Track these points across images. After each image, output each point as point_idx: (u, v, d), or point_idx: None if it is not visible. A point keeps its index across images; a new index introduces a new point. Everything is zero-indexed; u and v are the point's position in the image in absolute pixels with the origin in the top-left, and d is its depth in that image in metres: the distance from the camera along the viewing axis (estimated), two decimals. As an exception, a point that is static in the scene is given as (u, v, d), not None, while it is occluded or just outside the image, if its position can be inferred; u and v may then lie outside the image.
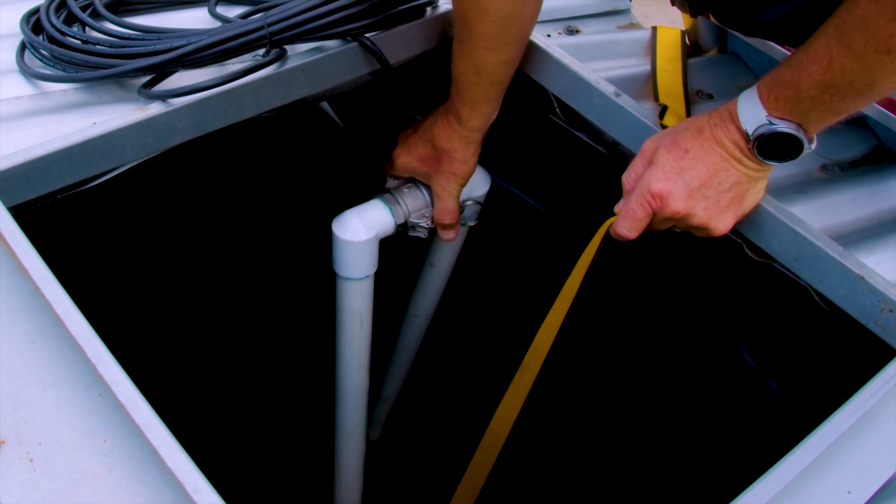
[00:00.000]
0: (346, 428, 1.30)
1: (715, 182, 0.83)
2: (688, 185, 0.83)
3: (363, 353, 1.19)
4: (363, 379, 1.24)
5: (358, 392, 1.25)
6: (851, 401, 0.74)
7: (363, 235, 1.04)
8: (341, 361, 1.20)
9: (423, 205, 1.11)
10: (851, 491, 0.69)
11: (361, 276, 1.08)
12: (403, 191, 1.10)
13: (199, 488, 0.58)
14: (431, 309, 1.40)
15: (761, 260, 0.93)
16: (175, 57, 0.92)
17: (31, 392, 0.66)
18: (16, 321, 0.70)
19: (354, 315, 1.13)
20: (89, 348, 0.67)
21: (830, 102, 0.75)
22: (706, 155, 0.82)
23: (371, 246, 1.06)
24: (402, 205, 1.09)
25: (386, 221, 1.07)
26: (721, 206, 0.84)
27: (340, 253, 1.06)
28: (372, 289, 1.12)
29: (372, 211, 1.07)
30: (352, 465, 1.38)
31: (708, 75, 1.15)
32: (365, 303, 1.13)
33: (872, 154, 1.07)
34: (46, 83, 0.97)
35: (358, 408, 1.28)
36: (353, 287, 1.09)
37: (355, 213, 1.06)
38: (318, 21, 0.98)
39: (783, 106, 0.77)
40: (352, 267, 1.07)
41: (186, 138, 0.95)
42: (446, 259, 1.30)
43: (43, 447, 0.63)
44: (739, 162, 0.82)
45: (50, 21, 0.99)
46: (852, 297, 0.86)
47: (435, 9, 1.11)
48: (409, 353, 1.51)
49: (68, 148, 0.86)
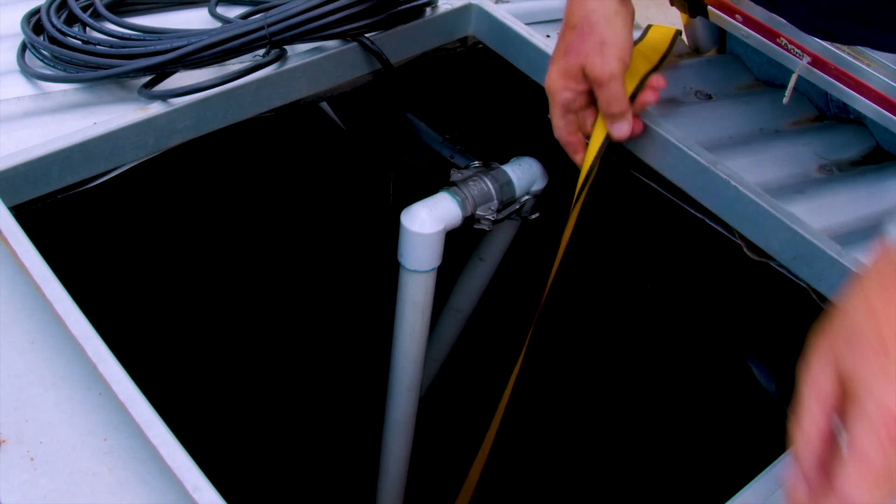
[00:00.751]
0: (399, 421, 1.29)
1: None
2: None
3: (421, 347, 1.19)
4: (419, 373, 1.24)
5: (413, 385, 1.24)
6: (849, 400, 0.74)
7: (432, 227, 1.04)
8: (399, 354, 1.19)
9: (489, 197, 1.11)
10: (849, 490, 0.69)
11: (427, 269, 1.09)
12: (469, 183, 1.11)
13: (199, 487, 0.59)
14: (474, 304, 1.40)
15: (759, 259, 0.93)
16: (175, 57, 0.92)
17: (32, 391, 0.66)
18: (17, 321, 0.70)
19: (418, 307, 1.13)
20: (90, 348, 0.67)
21: None
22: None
23: (439, 238, 1.06)
24: (469, 197, 1.09)
25: (454, 214, 1.07)
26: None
27: (408, 244, 1.06)
28: (435, 281, 1.12)
29: (441, 203, 1.07)
30: (400, 460, 1.37)
31: (706, 76, 1.15)
32: (428, 295, 1.13)
33: (871, 155, 1.07)
34: (47, 83, 0.97)
35: (411, 402, 1.27)
36: (418, 279, 1.09)
37: (424, 205, 1.06)
38: (318, 21, 0.98)
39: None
40: (419, 259, 1.07)
41: (187, 138, 0.96)
42: (496, 253, 1.30)
43: (43, 446, 0.63)
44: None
45: (51, 21, 0.99)
46: (851, 296, 0.86)
47: (435, 9, 1.11)
48: (444, 349, 1.50)
49: (69, 148, 0.87)
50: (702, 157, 0.94)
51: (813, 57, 1.00)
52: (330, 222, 1.67)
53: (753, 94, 1.14)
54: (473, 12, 1.14)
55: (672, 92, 1.11)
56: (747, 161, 1.00)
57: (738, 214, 0.93)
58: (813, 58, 1.01)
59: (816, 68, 1.01)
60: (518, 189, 1.14)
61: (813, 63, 1.01)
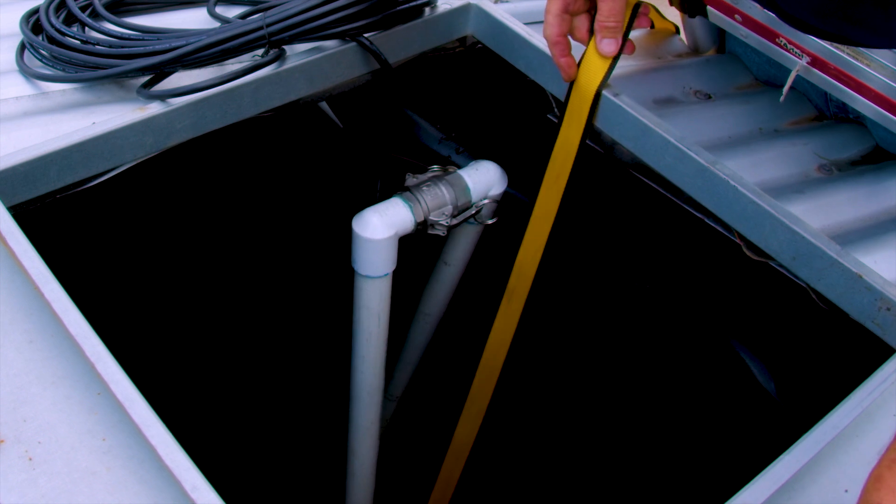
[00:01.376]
0: (361, 427, 1.30)
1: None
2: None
3: (380, 352, 1.19)
4: (379, 377, 1.24)
5: (373, 390, 1.25)
6: (849, 399, 0.74)
7: (383, 233, 1.04)
8: (357, 359, 1.20)
9: (443, 202, 1.11)
10: (849, 490, 0.69)
11: (380, 274, 1.09)
12: (423, 189, 1.10)
13: (197, 486, 0.59)
14: (443, 308, 1.40)
15: (759, 259, 0.93)
16: (174, 57, 0.92)
17: (31, 391, 0.66)
18: (15, 320, 0.70)
19: (373, 313, 1.13)
20: (88, 347, 0.67)
21: None
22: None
23: (391, 244, 1.06)
24: (422, 203, 1.09)
25: (406, 219, 1.07)
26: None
27: (360, 250, 1.06)
28: (390, 287, 1.12)
29: (392, 209, 1.07)
30: (365, 464, 1.38)
31: (706, 75, 1.15)
32: (383, 301, 1.13)
33: (870, 154, 1.07)
34: (46, 83, 0.97)
35: (373, 406, 1.28)
36: (372, 285, 1.09)
37: (375, 210, 1.06)
38: (317, 21, 0.98)
39: None
40: (371, 265, 1.07)
41: (185, 138, 0.96)
42: (460, 257, 1.30)
43: (42, 446, 0.63)
44: None
45: (49, 21, 0.99)
46: (850, 295, 0.86)
47: (434, 9, 1.11)
48: (417, 353, 1.51)
49: (67, 148, 0.87)
50: (701, 157, 0.94)
51: (812, 57, 1.00)
52: (328, 222, 1.67)
53: (753, 94, 1.14)
54: (472, 12, 1.14)
55: (671, 91, 1.11)
56: (746, 161, 1.00)
57: (737, 214, 0.93)
58: (812, 57, 1.01)
59: (815, 68, 1.01)
60: (474, 194, 1.13)
61: (812, 63, 1.01)
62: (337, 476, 1.47)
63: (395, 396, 1.62)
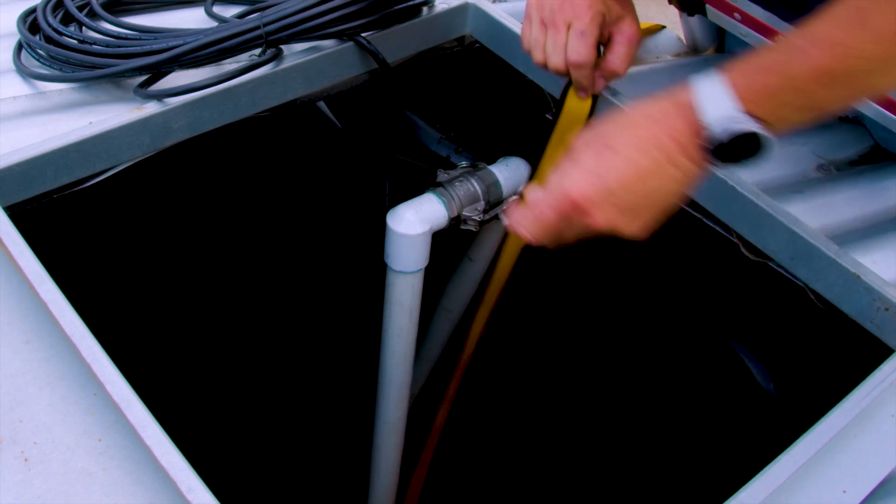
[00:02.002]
0: (388, 422, 1.29)
1: (643, 191, 0.69)
2: (610, 195, 0.68)
3: (410, 347, 1.19)
4: (408, 373, 1.24)
5: (402, 386, 1.25)
6: (847, 399, 0.74)
7: (418, 229, 1.04)
8: (388, 354, 1.19)
9: (476, 198, 1.11)
10: (847, 490, 0.69)
11: (414, 270, 1.09)
12: (455, 184, 1.11)
13: (193, 488, 0.59)
14: (465, 305, 1.40)
15: (757, 259, 0.93)
16: (171, 57, 0.92)
17: (27, 391, 0.66)
18: (11, 320, 0.70)
19: (405, 308, 1.13)
20: (84, 348, 0.67)
21: (820, 98, 0.66)
22: (638, 156, 0.68)
23: (425, 239, 1.06)
24: (455, 198, 1.09)
25: (440, 215, 1.07)
26: (646, 216, 0.71)
27: (394, 246, 1.06)
28: (422, 282, 1.12)
29: (426, 204, 1.07)
30: (391, 461, 1.38)
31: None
32: (415, 296, 1.13)
33: (869, 154, 1.07)
34: (43, 83, 0.97)
35: (402, 402, 1.27)
36: (405, 280, 1.09)
37: (410, 206, 1.06)
38: (314, 21, 0.98)
39: (763, 100, 0.65)
40: (405, 260, 1.07)
41: (182, 138, 0.96)
42: (486, 254, 1.30)
43: (38, 447, 0.63)
44: (675, 164, 0.68)
45: (47, 21, 0.99)
46: (848, 296, 0.86)
47: (432, 8, 1.11)
48: (436, 349, 1.50)
49: (64, 147, 0.86)
50: (699, 157, 0.94)
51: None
52: (326, 222, 1.67)
53: (751, 94, 1.14)
54: (470, 11, 1.14)
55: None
56: (745, 160, 0.99)
57: (735, 214, 0.93)
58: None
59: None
60: (505, 189, 1.13)
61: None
62: (354, 475, 1.46)
63: (412, 393, 1.62)
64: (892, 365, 0.78)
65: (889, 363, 0.78)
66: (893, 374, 0.77)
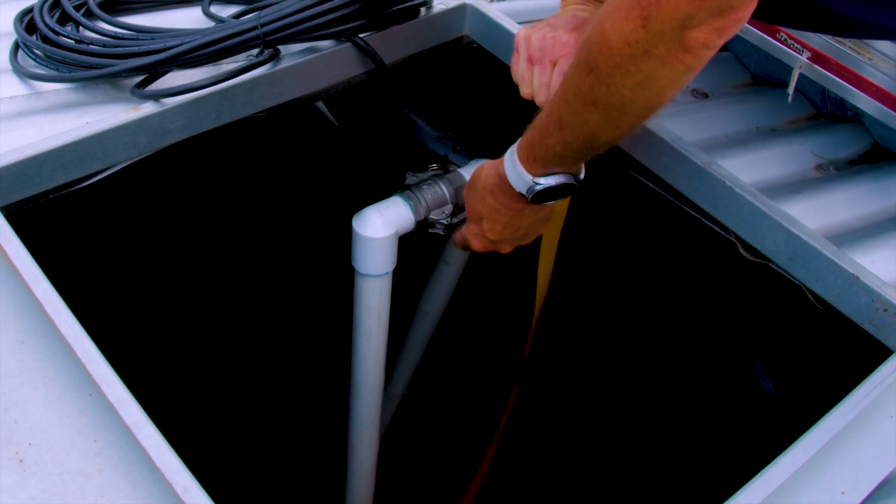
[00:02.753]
0: (361, 426, 1.29)
1: (511, 232, 0.95)
2: (493, 244, 0.97)
3: (380, 350, 1.19)
4: (379, 376, 1.24)
5: (374, 389, 1.24)
6: (846, 400, 0.74)
7: (383, 232, 1.04)
8: (358, 358, 1.19)
9: (443, 201, 1.11)
10: (846, 491, 0.68)
11: (381, 273, 1.08)
12: (423, 187, 1.10)
13: (188, 489, 0.58)
14: (443, 306, 1.40)
15: (756, 260, 0.93)
16: (169, 57, 0.92)
17: (22, 392, 0.66)
18: (6, 321, 0.70)
19: (373, 311, 1.13)
20: (80, 348, 0.67)
21: (578, 150, 0.80)
22: (496, 217, 0.93)
23: (391, 242, 1.06)
24: (423, 201, 1.09)
25: (406, 218, 1.07)
26: (532, 237, 0.98)
27: (360, 249, 1.06)
28: (390, 285, 1.12)
29: (392, 207, 1.06)
30: (366, 464, 1.37)
31: (703, 74, 1.14)
32: (383, 299, 1.13)
33: (868, 153, 1.07)
34: (40, 83, 0.97)
35: (373, 405, 1.27)
36: (372, 283, 1.09)
37: (375, 209, 1.06)
38: (312, 21, 0.97)
39: (542, 166, 0.83)
40: (371, 263, 1.07)
41: (179, 138, 0.95)
42: (460, 256, 1.30)
43: (33, 447, 0.63)
44: (520, 215, 0.92)
45: (44, 21, 0.99)
46: (847, 296, 0.86)
47: (429, 9, 1.11)
48: (417, 352, 1.50)
49: (60, 147, 0.86)
50: (696, 158, 0.94)
51: (813, 52, 1.00)
52: (323, 222, 1.67)
53: (750, 93, 1.14)
54: (468, 12, 1.14)
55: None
56: (744, 160, 0.99)
57: (733, 215, 0.93)
58: (813, 53, 1.00)
59: (816, 63, 1.01)
60: None
61: (813, 58, 1.00)
62: (337, 477, 1.46)
63: (395, 396, 1.62)
64: (891, 366, 0.78)
65: (888, 364, 0.78)
66: (892, 374, 0.77)
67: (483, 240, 0.97)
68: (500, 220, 0.93)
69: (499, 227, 0.94)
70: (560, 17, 0.90)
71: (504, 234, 0.95)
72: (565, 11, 0.91)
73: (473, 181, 0.95)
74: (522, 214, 0.92)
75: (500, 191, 0.90)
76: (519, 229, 0.95)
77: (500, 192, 0.90)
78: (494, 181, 0.90)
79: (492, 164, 0.92)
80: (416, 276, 1.35)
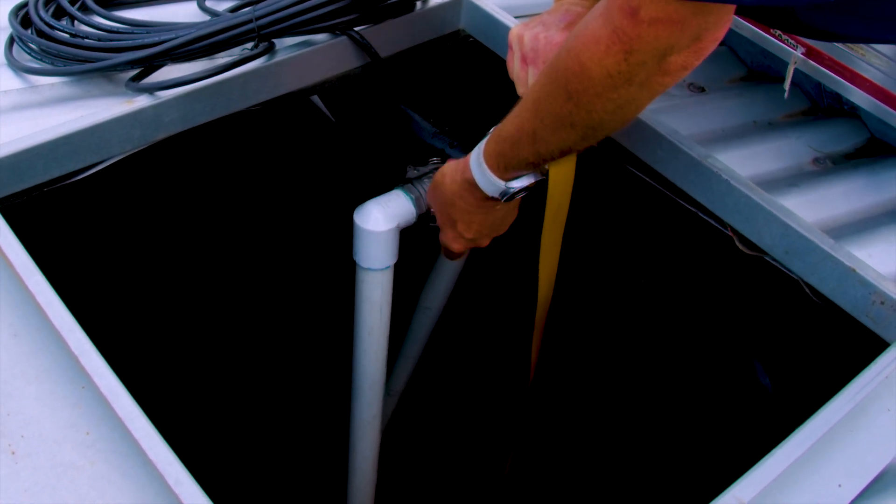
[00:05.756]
0: (363, 421, 1.29)
1: (487, 228, 0.98)
2: (472, 241, 1.00)
3: (381, 345, 1.19)
4: (381, 371, 1.23)
5: (375, 384, 1.24)
6: (842, 393, 0.74)
7: (385, 225, 1.04)
8: (359, 353, 1.19)
9: None
10: (842, 484, 0.68)
11: (382, 267, 1.08)
12: (424, 181, 1.10)
13: (180, 481, 0.58)
14: (443, 301, 1.39)
15: (752, 253, 0.92)
16: (163, 50, 0.92)
17: (15, 385, 0.66)
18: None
19: (374, 306, 1.12)
20: (73, 341, 0.67)
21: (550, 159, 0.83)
22: (468, 218, 0.96)
23: (392, 236, 1.05)
24: (424, 194, 1.08)
25: (407, 211, 1.07)
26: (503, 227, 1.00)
27: (362, 243, 1.05)
28: (392, 279, 1.11)
29: (394, 201, 1.06)
30: (367, 459, 1.37)
31: (699, 68, 1.14)
32: (385, 293, 1.12)
33: (865, 147, 1.07)
34: (35, 77, 0.97)
35: (375, 400, 1.27)
36: (373, 277, 1.09)
37: (377, 202, 1.05)
38: (307, 15, 0.97)
39: (513, 172, 0.86)
40: (373, 257, 1.07)
41: (174, 132, 0.95)
42: None
43: (25, 440, 0.62)
44: (493, 208, 0.94)
45: (39, 15, 0.99)
46: (843, 289, 0.86)
47: (425, 3, 1.11)
48: (418, 347, 1.49)
49: (54, 140, 0.86)
50: (693, 152, 0.94)
51: (807, 47, 1.00)
52: (320, 216, 1.67)
53: (746, 87, 1.14)
54: (463, 6, 1.14)
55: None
56: (740, 154, 0.99)
57: (730, 208, 0.93)
58: (807, 48, 1.00)
59: (811, 59, 1.01)
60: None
61: (807, 53, 1.00)
62: (338, 472, 1.46)
63: (396, 391, 1.61)
64: (887, 359, 0.78)
65: (884, 357, 0.78)
66: (889, 367, 0.77)
67: (461, 241, 1.00)
68: (474, 220, 0.96)
69: (475, 226, 0.97)
70: (553, 14, 0.90)
71: (481, 230, 0.98)
72: (559, 6, 0.91)
73: (437, 188, 0.97)
74: (495, 210, 0.95)
75: (469, 195, 0.92)
76: (494, 223, 0.98)
77: (470, 195, 0.92)
78: (463, 187, 0.92)
79: (454, 170, 0.94)
80: (418, 271, 1.35)
